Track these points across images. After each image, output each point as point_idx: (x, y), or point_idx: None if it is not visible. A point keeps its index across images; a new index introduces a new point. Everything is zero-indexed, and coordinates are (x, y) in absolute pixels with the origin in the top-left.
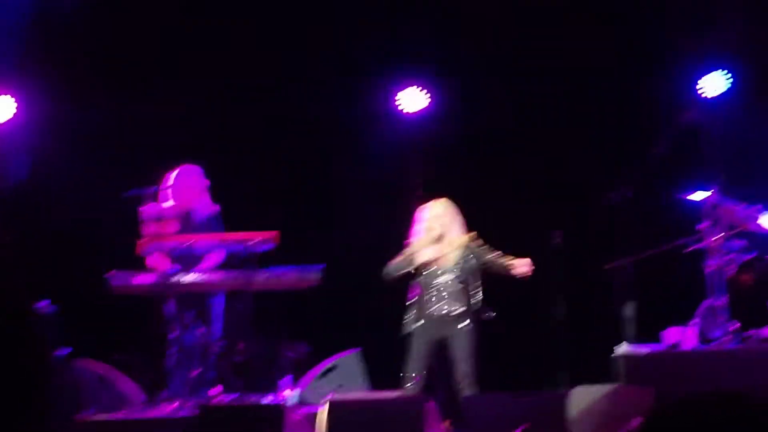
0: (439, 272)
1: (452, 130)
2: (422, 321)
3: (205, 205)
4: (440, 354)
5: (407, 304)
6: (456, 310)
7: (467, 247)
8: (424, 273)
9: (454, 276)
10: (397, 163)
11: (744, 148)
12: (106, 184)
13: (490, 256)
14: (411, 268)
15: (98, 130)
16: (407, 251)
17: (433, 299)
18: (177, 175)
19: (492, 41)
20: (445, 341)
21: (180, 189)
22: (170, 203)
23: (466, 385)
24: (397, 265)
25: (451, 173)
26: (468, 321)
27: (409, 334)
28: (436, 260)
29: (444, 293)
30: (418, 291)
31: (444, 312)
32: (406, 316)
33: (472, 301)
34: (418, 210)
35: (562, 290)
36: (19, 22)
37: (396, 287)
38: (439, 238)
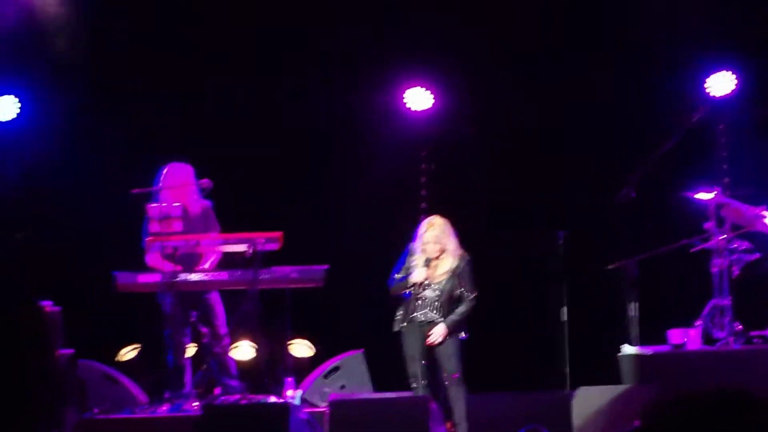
0: (425, 287)
1: (457, 130)
2: (406, 324)
3: (198, 201)
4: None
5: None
6: (435, 320)
7: (455, 269)
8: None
9: (437, 294)
10: (403, 162)
11: (750, 148)
12: (110, 183)
13: (459, 292)
14: (409, 287)
15: (102, 129)
16: (407, 265)
17: (418, 307)
18: (167, 173)
19: (498, 40)
20: (430, 344)
21: (172, 187)
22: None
23: (452, 384)
24: (397, 285)
25: (456, 173)
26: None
27: (399, 333)
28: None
29: (427, 304)
30: (407, 294)
31: (424, 319)
32: (396, 315)
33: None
34: (419, 225)
35: (566, 290)
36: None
37: None
38: (434, 258)
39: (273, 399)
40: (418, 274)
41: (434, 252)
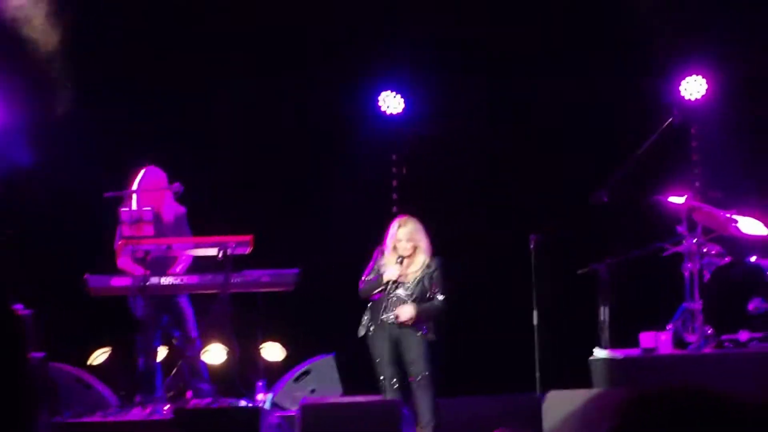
0: (397, 285)
1: (427, 134)
2: (373, 326)
3: (171, 206)
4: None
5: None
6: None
7: (428, 269)
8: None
9: (408, 293)
10: (374, 166)
11: (722, 152)
12: (82, 186)
13: (430, 294)
14: (381, 287)
15: (73, 132)
16: (378, 266)
17: (388, 307)
18: (142, 177)
19: (471, 43)
20: (399, 345)
21: (145, 191)
22: (135, 206)
23: (421, 387)
24: (369, 286)
25: (430, 176)
26: (419, 330)
27: (365, 337)
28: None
29: (398, 304)
30: (375, 296)
31: (393, 320)
32: (361, 320)
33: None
34: (390, 225)
35: (538, 293)
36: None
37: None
38: (405, 258)
39: (244, 403)
40: (391, 272)
41: (407, 250)
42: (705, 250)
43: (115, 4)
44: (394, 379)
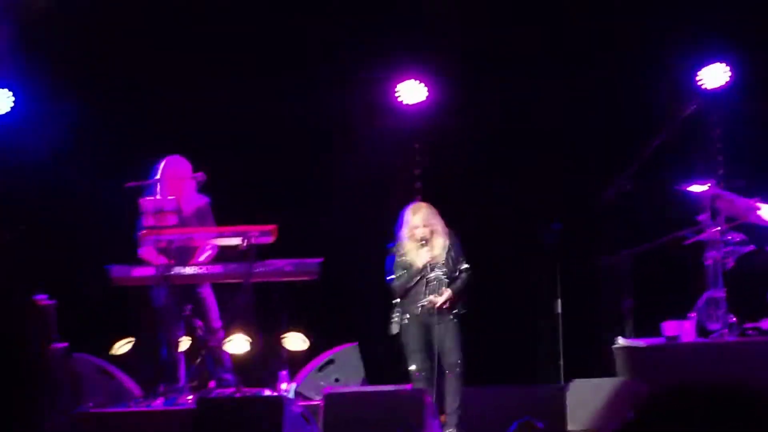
0: (430, 268)
1: (450, 123)
2: (408, 315)
3: (194, 196)
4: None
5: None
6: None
7: (450, 243)
8: (416, 270)
9: (443, 271)
10: (397, 155)
11: (744, 139)
12: (103, 176)
13: (456, 265)
14: (414, 279)
15: (95, 123)
16: (401, 261)
17: (425, 292)
18: (165, 166)
19: (491, 34)
20: (431, 332)
21: (168, 180)
22: (158, 196)
23: (454, 376)
24: (403, 281)
25: (449, 166)
26: (455, 312)
27: (398, 333)
28: (423, 256)
29: (435, 287)
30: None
31: (429, 306)
32: (392, 317)
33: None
34: (403, 214)
35: (560, 283)
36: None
37: None
38: (426, 241)
39: (267, 392)
40: (421, 257)
41: (425, 234)
42: (728, 238)
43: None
44: (425, 369)
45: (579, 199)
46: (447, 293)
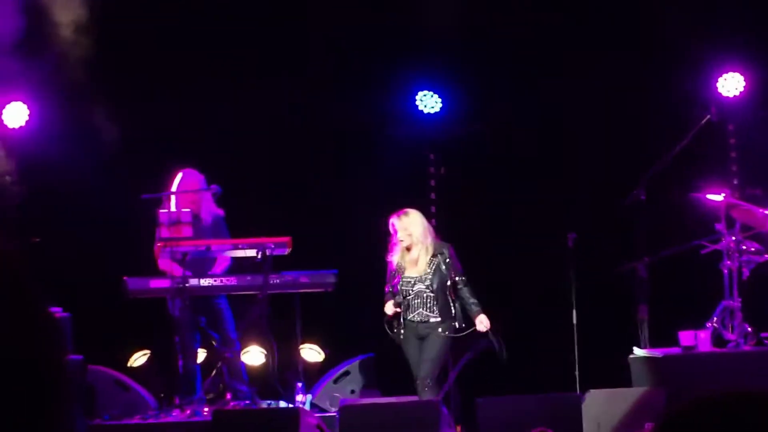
0: (413, 281)
1: (468, 132)
2: (403, 328)
3: (210, 209)
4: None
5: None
6: (430, 318)
7: (440, 256)
8: (402, 281)
9: (427, 284)
10: (414, 165)
11: (760, 148)
12: (118, 189)
13: (456, 279)
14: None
15: (110, 135)
16: (395, 272)
17: (410, 307)
18: (180, 179)
19: (508, 43)
20: (423, 340)
21: (184, 193)
22: (173, 208)
23: (424, 387)
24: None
25: (468, 175)
26: (444, 328)
27: (394, 341)
28: (409, 269)
29: (418, 301)
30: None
31: (419, 319)
32: (393, 329)
33: (452, 312)
34: (391, 222)
35: (576, 292)
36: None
37: None
38: (410, 248)
39: (283, 404)
40: (408, 265)
41: (405, 239)
42: (744, 247)
43: (146, 6)
44: (429, 378)
45: (595, 208)
46: (485, 319)
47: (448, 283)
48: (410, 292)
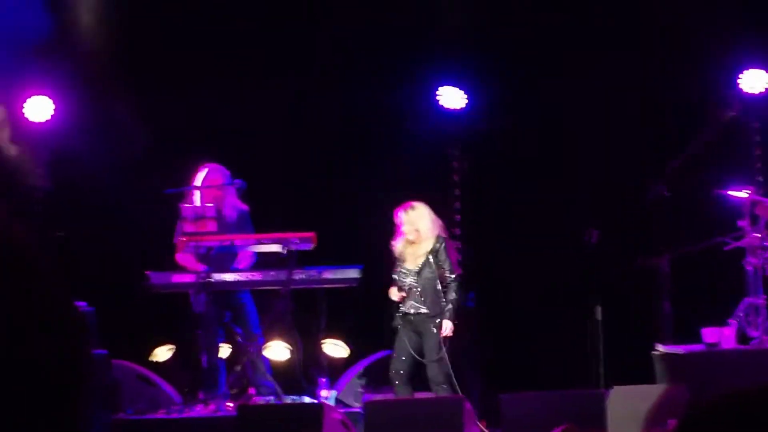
0: (405, 272)
1: (490, 128)
2: (400, 318)
3: (234, 204)
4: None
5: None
6: (421, 309)
7: (431, 251)
8: (399, 272)
9: (415, 279)
10: (438, 160)
11: None
12: (142, 184)
13: (445, 275)
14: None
15: (135, 129)
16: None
17: (406, 299)
18: (205, 175)
19: (529, 38)
20: (421, 337)
21: (208, 188)
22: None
23: (438, 389)
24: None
25: (492, 171)
26: (436, 322)
27: (395, 331)
28: (408, 260)
29: (413, 294)
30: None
31: (413, 311)
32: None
33: (443, 303)
34: (396, 214)
35: (600, 289)
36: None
37: None
38: (413, 240)
39: (307, 399)
40: (409, 258)
41: (410, 233)
42: (767, 244)
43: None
44: (402, 371)
45: (619, 204)
46: (450, 326)
47: (437, 279)
48: (405, 283)
